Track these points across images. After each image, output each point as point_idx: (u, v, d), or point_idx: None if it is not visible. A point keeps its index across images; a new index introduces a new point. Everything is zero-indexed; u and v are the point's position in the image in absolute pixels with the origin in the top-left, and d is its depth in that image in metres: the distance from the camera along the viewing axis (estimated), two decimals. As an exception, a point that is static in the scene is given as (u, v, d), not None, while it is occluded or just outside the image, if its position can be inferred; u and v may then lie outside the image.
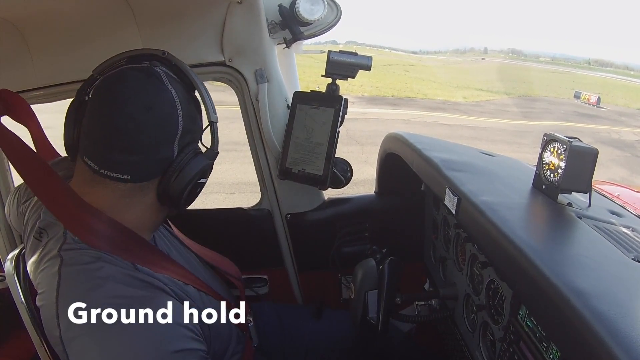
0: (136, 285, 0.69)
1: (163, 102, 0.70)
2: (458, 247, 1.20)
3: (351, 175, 1.36)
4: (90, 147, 0.71)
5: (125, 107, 0.68)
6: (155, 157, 0.71)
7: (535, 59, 48.84)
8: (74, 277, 0.68)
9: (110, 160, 0.69)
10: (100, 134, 0.70)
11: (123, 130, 0.68)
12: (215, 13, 1.26)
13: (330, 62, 1.24)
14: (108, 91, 0.70)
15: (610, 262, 0.76)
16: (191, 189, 0.74)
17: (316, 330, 1.22)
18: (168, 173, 0.72)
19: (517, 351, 0.80)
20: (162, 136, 0.70)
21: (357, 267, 1.08)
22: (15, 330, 1.59)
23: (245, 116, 1.41)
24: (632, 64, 49.85)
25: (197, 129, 0.77)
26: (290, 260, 1.55)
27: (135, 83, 0.69)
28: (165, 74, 0.72)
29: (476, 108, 12.90)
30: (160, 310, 0.66)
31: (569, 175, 0.90)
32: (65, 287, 0.67)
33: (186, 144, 0.73)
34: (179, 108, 0.70)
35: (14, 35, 1.23)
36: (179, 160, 0.72)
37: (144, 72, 0.71)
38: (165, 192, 0.73)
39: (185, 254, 0.96)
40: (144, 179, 0.72)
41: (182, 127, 0.71)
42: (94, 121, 0.70)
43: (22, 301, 0.91)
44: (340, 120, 1.27)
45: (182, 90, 0.73)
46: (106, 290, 0.66)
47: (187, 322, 0.70)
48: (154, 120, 0.69)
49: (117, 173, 0.69)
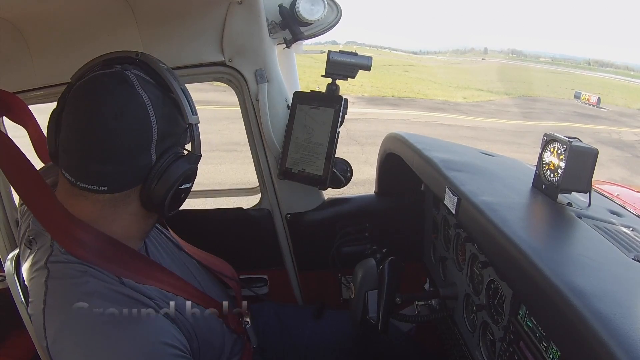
0: (121, 301, 0.67)
1: (134, 107, 0.67)
2: (458, 247, 1.20)
3: (351, 175, 1.36)
4: (66, 160, 0.69)
5: (96, 116, 0.66)
6: (132, 165, 0.69)
7: (535, 59, 48.86)
8: (60, 291, 0.67)
9: (85, 172, 0.68)
10: (74, 146, 0.68)
11: (95, 140, 0.66)
12: (216, 13, 1.26)
13: (330, 62, 1.24)
14: (79, 100, 0.68)
15: (610, 261, 0.76)
16: (173, 194, 0.71)
17: (316, 330, 1.22)
18: (148, 180, 0.70)
19: (517, 351, 0.81)
20: (136, 143, 0.68)
21: (357, 267, 1.08)
22: (15, 330, 1.59)
23: (245, 116, 1.41)
24: (632, 64, 49.87)
25: (178, 132, 0.73)
26: (290, 260, 1.55)
27: (105, 90, 0.67)
28: (137, 77, 0.69)
29: (476, 108, 12.91)
30: (145, 328, 0.66)
31: (569, 175, 0.90)
32: (51, 300, 0.67)
33: (166, 149, 0.71)
34: (151, 112, 0.68)
35: (13, 35, 1.23)
36: (158, 166, 0.70)
37: (114, 77, 0.68)
38: (148, 199, 0.71)
39: (180, 259, 0.95)
40: (122, 188, 0.70)
41: (157, 132, 0.68)
42: (68, 132, 0.69)
43: (22, 301, 0.91)
44: (340, 121, 1.27)
45: (157, 93, 0.70)
46: (87, 305, 0.65)
47: (171, 339, 0.69)
48: (125, 127, 0.66)
49: (94, 185, 0.68)
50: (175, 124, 0.72)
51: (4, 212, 1.53)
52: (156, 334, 0.67)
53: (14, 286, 0.92)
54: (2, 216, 1.53)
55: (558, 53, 75.55)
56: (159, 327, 0.68)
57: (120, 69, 0.70)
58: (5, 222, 1.54)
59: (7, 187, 1.52)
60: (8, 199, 1.53)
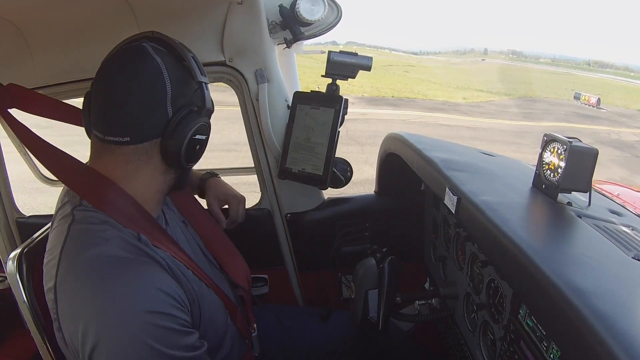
0: (133, 251, 0.74)
1: (149, 70, 0.77)
2: (458, 247, 1.20)
3: (351, 175, 1.36)
4: (96, 120, 0.79)
5: (117, 79, 0.77)
6: (150, 118, 0.77)
7: (535, 60, 48.89)
8: (80, 234, 0.75)
9: (111, 125, 0.77)
10: (101, 107, 0.78)
11: (117, 98, 0.76)
12: (216, 13, 1.26)
13: (331, 63, 1.24)
14: (104, 70, 0.79)
15: (610, 261, 0.76)
16: (188, 144, 0.79)
17: (317, 331, 1.22)
18: (166, 132, 0.78)
19: (517, 350, 0.81)
20: (153, 99, 0.77)
21: (358, 266, 1.08)
22: (15, 330, 1.59)
23: (245, 116, 1.41)
24: (632, 65, 49.86)
25: (190, 92, 0.82)
26: (290, 260, 1.55)
27: (124, 58, 0.78)
28: (152, 47, 0.79)
29: (476, 109, 12.91)
30: (148, 274, 0.73)
31: (569, 175, 0.90)
32: (70, 242, 0.74)
33: (180, 106, 0.79)
34: (165, 74, 0.77)
35: (14, 35, 1.23)
36: (174, 120, 0.78)
37: (133, 49, 0.79)
38: (166, 150, 0.79)
39: (198, 249, 0.99)
40: (143, 139, 0.78)
41: (170, 90, 0.78)
42: (96, 97, 0.79)
43: (24, 300, 0.91)
44: (340, 121, 1.27)
45: (170, 59, 0.80)
46: (104, 249, 0.72)
47: (171, 291, 0.73)
48: (142, 86, 0.76)
49: (118, 137, 0.77)
50: (187, 85, 0.81)
51: (4, 212, 1.53)
52: (156, 282, 0.72)
53: (16, 285, 0.92)
54: (2, 216, 1.53)
55: (558, 54, 75.61)
56: (162, 278, 0.74)
57: (138, 43, 0.80)
58: (5, 222, 1.54)
59: (7, 187, 1.52)
60: (8, 199, 1.53)
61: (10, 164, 1.52)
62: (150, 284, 0.71)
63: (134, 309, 0.68)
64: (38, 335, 0.91)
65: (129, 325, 0.68)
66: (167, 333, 0.70)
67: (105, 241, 0.73)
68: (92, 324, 0.67)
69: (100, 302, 0.68)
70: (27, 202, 4.02)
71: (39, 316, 0.91)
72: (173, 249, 0.82)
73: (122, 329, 0.68)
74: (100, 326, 0.67)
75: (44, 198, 4.12)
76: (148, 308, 0.69)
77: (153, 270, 0.74)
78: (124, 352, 0.68)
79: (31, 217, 1.58)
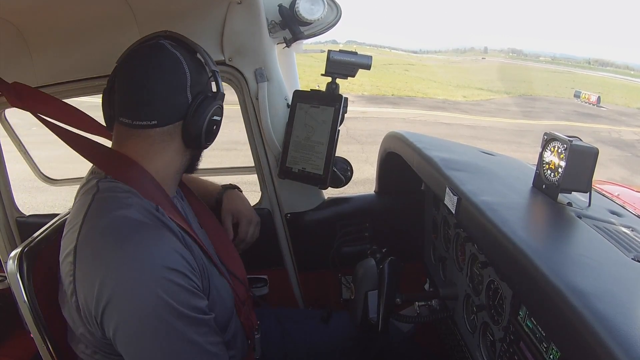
0: (153, 219, 0.81)
1: (170, 61, 0.85)
2: (458, 247, 1.20)
3: (351, 174, 1.35)
4: (123, 108, 0.87)
5: (142, 71, 0.85)
6: (174, 102, 0.85)
7: (535, 58, 48.82)
8: (105, 200, 0.82)
9: (139, 112, 0.85)
10: (130, 96, 0.86)
11: (143, 87, 0.84)
12: (215, 13, 1.26)
13: (330, 61, 1.23)
14: (126, 65, 0.88)
15: (610, 261, 0.76)
16: (208, 124, 0.87)
17: (317, 332, 1.22)
18: (188, 115, 0.86)
19: (517, 351, 0.81)
20: (175, 86, 0.85)
21: (357, 267, 1.08)
22: (15, 330, 1.59)
23: (245, 115, 1.41)
24: (633, 63, 49.83)
25: (204, 81, 0.91)
26: (290, 260, 1.55)
27: (144, 53, 0.87)
28: (169, 43, 0.88)
29: (476, 107, 12.90)
30: (165, 237, 0.79)
31: (569, 175, 0.90)
32: (94, 206, 0.81)
33: (198, 92, 0.88)
34: (184, 64, 0.86)
35: (14, 35, 1.23)
36: (193, 104, 0.86)
37: (152, 46, 0.87)
38: (188, 132, 0.87)
39: (207, 241, 1.02)
40: (168, 122, 0.86)
41: (190, 77, 0.86)
42: (122, 89, 0.87)
43: (24, 300, 0.91)
44: (340, 119, 1.26)
45: (185, 53, 0.88)
46: (127, 212, 0.79)
47: (185, 255, 0.79)
48: (164, 75, 0.84)
49: (146, 120, 0.84)
50: (202, 75, 0.90)
51: (4, 211, 1.53)
52: (171, 244, 0.79)
53: (17, 285, 0.91)
54: (2, 216, 1.53)
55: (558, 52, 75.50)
56: (176, 242, 0.80)
57: (156, 40, 0.88)
58: (5, 221, 1.54)
59: (7, 187, 1.52)
60: (8, 199, 1.53)
61: (10, 163, 1.52)
62: (168, 245, 0.78)
63: (152, 263, 0.74)
64: (38, 335, 0.91)
65: (145, 278, 0.73)
66: (179, 290, 0.74)
67: (128, 206, 0.79)
68: (110, 277, 0.72)
69: (120, 256, 0.74)
70: (27, 201, 4.02)
71: (39, 316, 0.91)
72: (185, 225, 0.87)
73: (138, 281, 0.72)
74: (118, 279, 0.72)
75: (44, 197, 4.13)
76: (165, 264, 0.74)
77: (169, 235, 0.80)
78: (138, 303, 0.72)
79: (31, 216, 1.58)
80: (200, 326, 0.77)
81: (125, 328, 0.73)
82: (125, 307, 0.72)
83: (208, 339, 0.78)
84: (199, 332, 0.76)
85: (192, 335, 0.75)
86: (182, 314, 0.74)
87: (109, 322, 0.73)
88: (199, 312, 0.77)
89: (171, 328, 0.73)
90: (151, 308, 0.72)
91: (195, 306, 0.76)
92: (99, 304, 0.72)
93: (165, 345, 0.74)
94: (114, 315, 0.72)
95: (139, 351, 0.74)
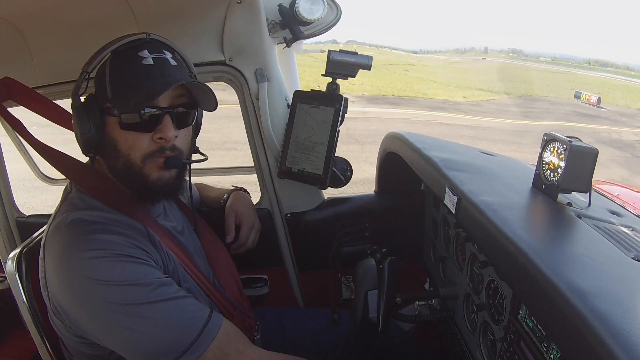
0: (104, 219, 0.84)
1: None
2: (458, 247, 1.20)
3: (351, 174, 1.36)
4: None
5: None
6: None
7: (535, 58, 48.84)
8: (70, 201, 0.88)
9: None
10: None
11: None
12: (216, 13, 1.26)
13: (331, 62, 1.23)
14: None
15: (610, 261, 0.76)
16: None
17: (317, 331, 1.22)
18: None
19: (517, 351, 0.80)
20: None
21: (357, 266, 1.08)
22: (15, 331, 1.59)
23: (245, 115, 1.41)
24: (633, 64, 49.85)
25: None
26: (290, 260, 1.55)
27: None
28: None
29: (476, 108, 12.90)
30: (120, 231, 0.82)
31: (569, 175, 0.90)
32: (59, 211, 0.87)
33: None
34: None
35: (14, 35, 1.23)
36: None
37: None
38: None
39: (199, 250, 1.05)
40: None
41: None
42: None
43: (24, 300, 0.91)
44: (340, 120, 1.27)
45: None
46: (82, 214, 0.84)
47: (143, 247, 0.82)
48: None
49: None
50: None
51: (4, 211, 1.53)
52: (126, 237, 0.82)
53: (16, 285, 0.92)
54: (2, 216, 1.53)
55: (558, 53, 75.58)
56: (134, 237, 0.83)
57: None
58: (5, 221, 1.54)
59: (6, 187, 1.52)
60: (8, 199, 1.53)
61: (10, 162, 1.52)
62: (125, 237, 0.81)
63: (86, 249, 0.77)
64: (38, 335, 0.91)
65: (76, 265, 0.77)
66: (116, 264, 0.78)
67: (85, 209, 0.84)
68: (59, 271, 0.78)
69: (65, 251, 0.78)
70: (27, 200, 4.02)
71: (38, 316, 0.91)
72: (159, 233, 0.89)
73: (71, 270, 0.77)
74: (63, 272, 0.77)
75: (44, 197, 4.12)
76: (122, 251, 0.78)
77: (126, 231, 0.83)
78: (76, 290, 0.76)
79: (31, 216, 1.58)
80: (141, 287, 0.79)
81: (83, 315, 0.78)
82: (73, 297, 0.77)
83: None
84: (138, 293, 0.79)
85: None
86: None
87: (71, 316, 0.78)
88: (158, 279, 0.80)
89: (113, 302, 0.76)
90: (90, 292, 0.76)
91: (154, 276, 0.80)
92: (58, 300, 0.79)
93: (120, 318, 0.76)
94: (72, 307, 0.78)
95: (107, 334, 0.78)
